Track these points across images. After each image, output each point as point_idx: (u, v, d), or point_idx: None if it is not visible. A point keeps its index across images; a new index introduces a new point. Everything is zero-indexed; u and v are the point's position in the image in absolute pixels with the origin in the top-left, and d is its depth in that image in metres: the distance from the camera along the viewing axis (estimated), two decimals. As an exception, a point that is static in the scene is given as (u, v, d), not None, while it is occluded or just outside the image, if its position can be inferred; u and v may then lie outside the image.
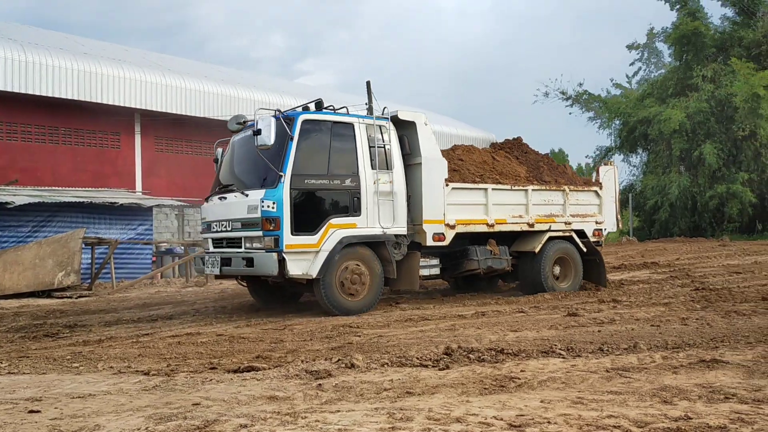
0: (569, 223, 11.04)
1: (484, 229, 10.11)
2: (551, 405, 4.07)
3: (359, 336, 7.06)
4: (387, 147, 9.21)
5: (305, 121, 8.65)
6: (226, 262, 8.81)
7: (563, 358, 5.62)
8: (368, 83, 10.17)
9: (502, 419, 3.78)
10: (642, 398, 4.17)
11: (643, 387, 4.49)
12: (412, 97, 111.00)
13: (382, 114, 9.39)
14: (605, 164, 12.42)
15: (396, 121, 9.46)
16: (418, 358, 5.62)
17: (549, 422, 3.71)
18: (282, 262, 8.18)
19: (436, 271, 9.91)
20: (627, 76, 32.98)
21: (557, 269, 10.84)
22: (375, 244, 9.03)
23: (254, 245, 8.45)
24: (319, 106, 9.29)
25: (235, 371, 5.45)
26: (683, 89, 28.00)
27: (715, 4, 29.92)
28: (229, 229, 8.88)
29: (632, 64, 32.72)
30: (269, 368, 5.51)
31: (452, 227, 9.67)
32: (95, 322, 9.13)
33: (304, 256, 8.37)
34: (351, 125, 9.02)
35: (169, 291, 13.42)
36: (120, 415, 4.10)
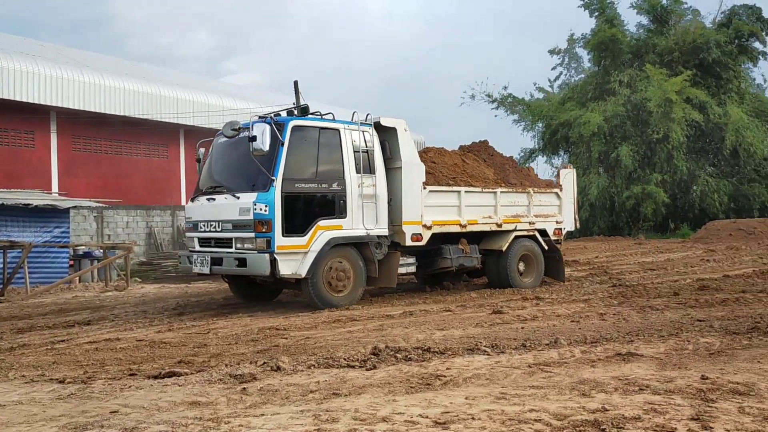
0: (533, 223, 11.62)
1: (457, 229, 10.58)
2: (475, 401, 4.13)
3: (286, 338, 6.97)
4: (370, 152, 9.62)
5: (295, 127, 8.92)
6: (216, 261, 9.00)
7: (488, 355, 5.72)
8: (296, 83, 10.14)
9: (427, 417, 3.81)
10: (562, 392, 4.29)
11: (563, 381, 4.62)
12: (342, 98, 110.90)
13: (365, 120, 9.75)
14: (565, 168, 13.11)
15: (378, 126, 9.86)
16: (345, 359, 5.60)
17: (473, 418, 3.76)
18: (273, 262, 8.47)
19: (412, 269, 10.41)
20: (549, 80, 34.28)
21: (522, 266, 11.38)
22: (359, 244, 9.44)
23: (245, 246, 8.70)
24: (305, 111, 9.50)
25: (155, 377, 5.27)
26: (602, 93, 29.10)
27: (631, 12, 31.15)
28: (219, 229, 9.09)
29: (554, 68, 33.85)
30: (192, 373, 5.37)
31: (429, 228, 10.11)
32: (7, 329, 8.65)
33: (294, 257, 8.70)
34: (337, 131, 9.37)
35: (87, 296, 12.87)
36: (32, 426, 3.90)
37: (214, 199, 9.24)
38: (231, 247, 8.90)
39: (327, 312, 8.83)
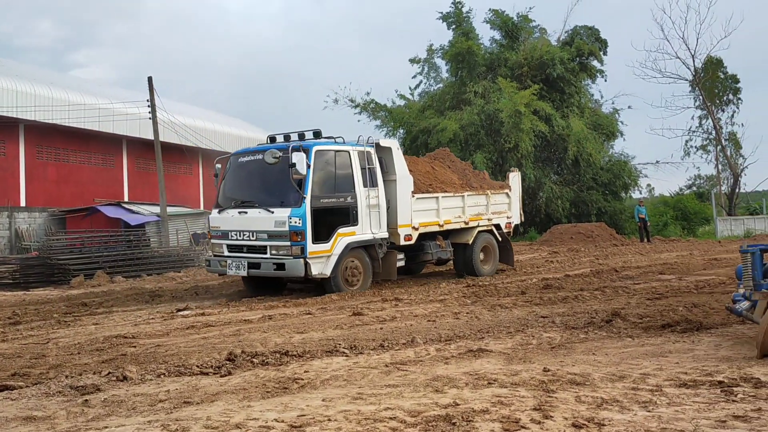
0: (491, 219, 13.64)
1: (436, 229, 12.48)
2: (332, 402, 4.12)
3: (134, 347, 6.59)
4: (373, 168, 11.26)
5: (317, 151, 10.50)
6: (254, 266, 10.43)
7: (346, 356, 5.74)
8: (150, 79, 9.74)
9: (283, 421, 3.74)
10: (417, 389, 4.39)
11: (418, 379, 4.73)
12: (198, 97, 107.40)
13: (368, 142, 11.45)
14: (513, 171, 15.22)
15: (377, 146, 11.61)
16: (198, 366, 5.39)
17: (329, 420, 3.75)
18: (307, 265, 10.03)
19: (402, 263, 12.13)
20: (410, 88, 34.88)
21: (482, 255, 13.36)
22: (367, 246, 11.13)
23: (281, 252, 10.19)
24: (317, 135, 11.07)
25: (-18, 393, 4.78)
26: (458, 103, 30.36)
27: (486, 27, 32.75)
28: (253, 238, 10.52)
29: (414, 77, 34.65)
30: (27, 386, 4.94)
31: (416, 229, 11.95)
32: None
33: (321, 260, 10.30)
34: (347, 152, 10.97)
35: None
36: None
37: (246, 213, 10.64)
38: (265, 253, 10.38)
39: (180, 318, 8.47)
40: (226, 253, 10.90)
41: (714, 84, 38.82)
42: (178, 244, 23.27)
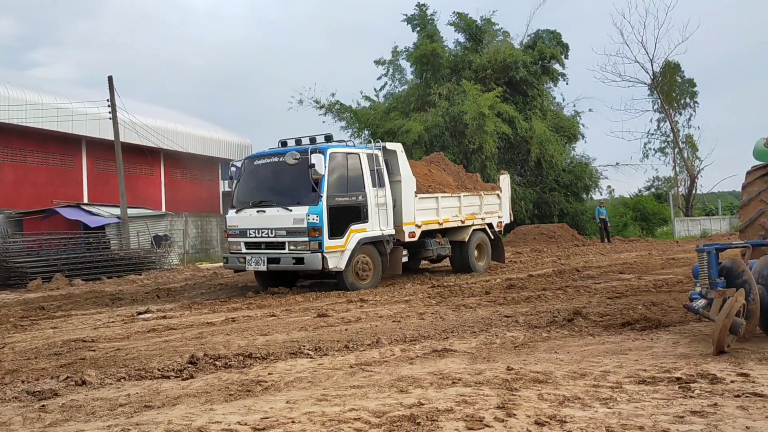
0: (484, 219, 14.52)
1: (436, 227, 13.32)
2: (296, 404, 4.09)
3: (94, 351, 6.45)
4: (380, 170, 12.00)
5: (332, 153, 11.19)
6: (273, 260, 11.12)
7: (311, 358, 5.71)
8: (110, 78, 9.57)
9: (246, 424, 3.71)
10: (381, 390, 4.39)
11: (383, 379, 4.73)
12: (162, 97, 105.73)
13: (376, 145, 12.42)
14: (503, 174, 16.22)
15: (383, 149, 12.39)
16: (159, 370, 5.30)
17: (293, 422, 3.72)
18: (324, 259, 10.75)
19: (405, 259, 12.81)
20: (375, 89, 34.91)
21: (476, 253, 14.21)
22: (376, 242, 11.84)
23: (299, 248, 10.88)
24: (328, 139, 11.95)
25: (-68, 401, 4.62)
26: (423, 105, 30.49)
27: (450, 29, 32.98)
28: (272, 235, 11.19)
29: (379, 78, 34.74)
30: (-20, 394, 4.77)
31: (419, 227, 12.78)
32: None
33: (336, 254, 11.01)
34: (357, 154, 11.74)
35: None
36: None
37: (264, 211, 11.30)
38: (283, 249, 11.06)
39: (141, 321, 8.32)
40: (244, 250, 11.56)
41: (672, 88, 39.73)
42: (139, 247, 22.86)
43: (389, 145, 12.66)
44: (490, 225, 14.71)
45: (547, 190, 30.82)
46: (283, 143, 12.12)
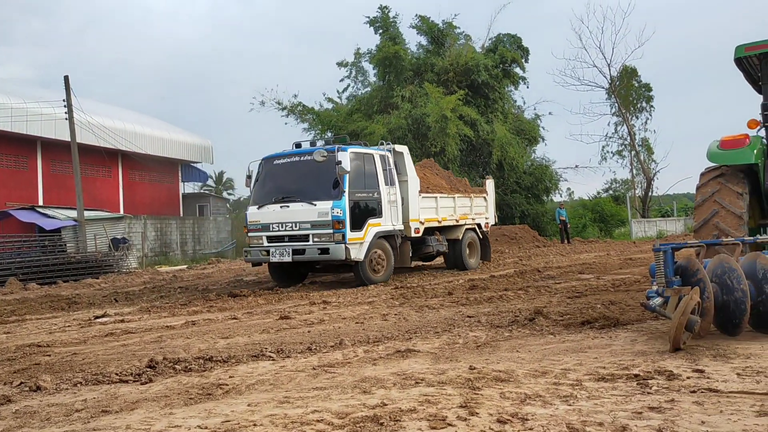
0: (474, 219, 15.67)
1: (436, 224, 14.29)
2: (258, 407, 4.04)
3: (49, 356, 6.28)
4: (391, 170, 13.07)
5: (351, 153, 12.16)
6: (298, 252, 11.93)
7: (273, 360, 5.65)
8: (66, 78, 9.36)
9: (206, 427, 3.64)
10: (344, 391, 4.36)
11: (345, 380, 4.70)
12: (120, 97, 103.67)
13: (386, 147, 13.43)
14: (488, 178, 17.51)
15: (393, 151, 13.43)
16: (117, 374, 5.18)
17: (255, 425, 3.67)
18: (347, 249, 11.59)
19: (410, 254, 13.70)
20: (338, 91, 34.84)
21: (468, 250, 15.19)
22: (388, 236, 12.78)
23: (323, 239, 11.73)
24: (343, 141, 13.27)
25: None
26: (386, 107, 30.52)
27: (412, 32, 33.10)
28: (296, 228, 12.03)
29: (342, 80, 34.63)
30: (-73, 402, 4.60)
31: (423, 224, 13.79)
32: None
33: (356, 246, 11.88)
34: (372, 155, 12.79)
35: None
36: None
37: (288, 206, 12.15)
38: (306, 241, 11.90)
39: (98, 325, 8.14)
40: (266, 244, 12.36)
41: (629, 92, 40.65)
42: (97, 250, 22.39)
43: (398, 148, 13.70)
44: (479, 225, 15.82)
45: (508, 192, 31.16)
46: (297, 145, 13.33)
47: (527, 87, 36.16)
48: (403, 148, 13.83)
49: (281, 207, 12.23)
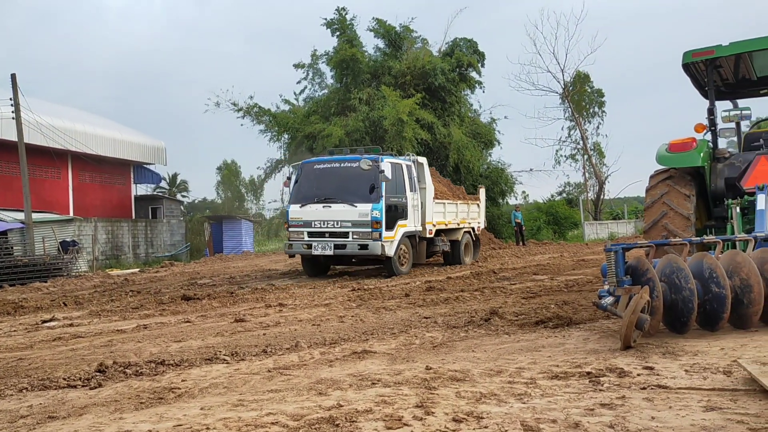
0: (470, 223, 17.77)
1: (443, 227, 16.20)
2: (211, 411, 3.97)
3: (-8, 361, 6.06)
4: (414, 178, 15.00)
5: (389, 162, 13.92)
6: (339, 246, 13.69)
7: (227, 363, 5.56)
8: (13, 76, 9.06)
9: (158, 432, 3.56)
10: (300, 393, 4.32)
11: (301, 382, 4.66)
12: (69, 97, 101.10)
13: (411, 158, 15.49)
14: (480, 187, 19.94)
15: (415, 162, 15.34)
16: (65, 379, 5.03)
17: (208, 428, 3.60)
18: (383, 246, 13.45)
19: (425, 252, 15.54)
20: (295, 93, 34.65)
21: (464, 250, 17.16)
22: (411, 236, 14.72)
23: (363, 237, 13.49)
24: (377, 151, 14.90)
25: None
26: (344, 109, 30.43)
27: (369, 35, 33.09)
28: (337, 226, 13.78)
29: (299, 82, 34.36)
30: None
31: (435, 226, 15.70)
32: None
33: (389, 243, 13.71)
34: (401, 165, 14.65)
35: None
36: None
37: (330, 206, 13.88)
38: (347, 237, 13.65)
39: (46, 330, 7.89)
40: (307, 239, 14.01)
41: (582, 97, 41.48)
42: (45, 253, 21.74)
43: (419, 159, 15.67)
44: (473, 228, 17.93)
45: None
46: (331, 152, 15.44)
47: (483, 91, 36.57)
48: (422, 160, 15.75)
49: (323, 206, 13.91)
